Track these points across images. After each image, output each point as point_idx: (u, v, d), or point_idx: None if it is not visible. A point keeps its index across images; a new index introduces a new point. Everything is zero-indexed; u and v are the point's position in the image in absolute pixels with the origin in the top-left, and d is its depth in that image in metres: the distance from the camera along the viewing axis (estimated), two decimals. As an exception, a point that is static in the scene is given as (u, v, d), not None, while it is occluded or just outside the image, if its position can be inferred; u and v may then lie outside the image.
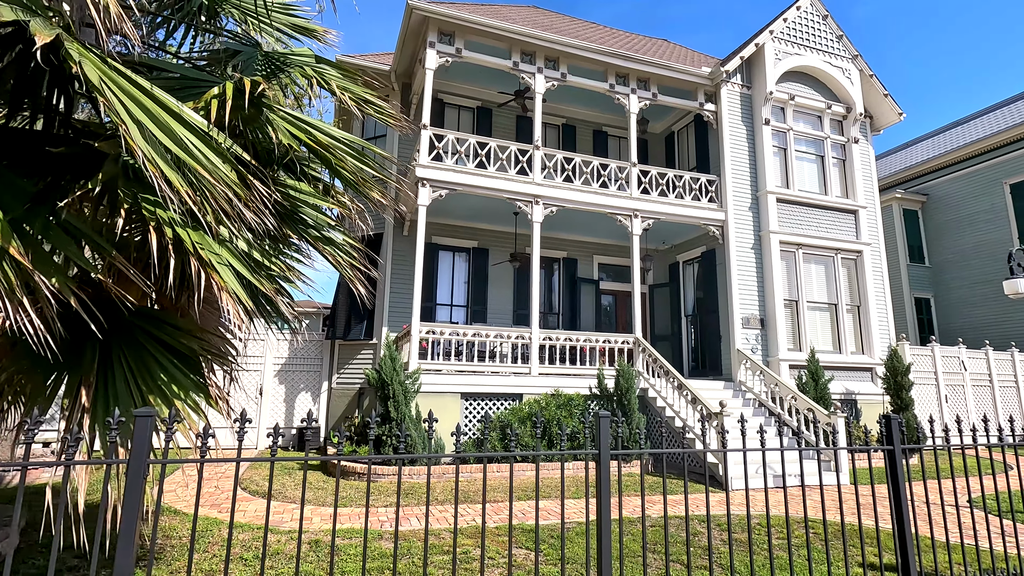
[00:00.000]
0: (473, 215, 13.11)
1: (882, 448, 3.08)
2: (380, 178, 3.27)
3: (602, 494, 2.51)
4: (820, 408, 10.08)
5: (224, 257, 2.44)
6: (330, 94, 3.55)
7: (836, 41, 14.55)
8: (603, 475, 2.52)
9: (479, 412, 10.49)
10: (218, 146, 2.27)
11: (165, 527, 5.60)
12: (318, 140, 2.79)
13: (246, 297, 2.44)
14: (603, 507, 2.49)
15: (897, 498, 2.96)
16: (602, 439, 2.59)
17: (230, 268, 2.45)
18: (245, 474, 8.87)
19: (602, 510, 2.49)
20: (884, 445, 3.12)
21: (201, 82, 2.81)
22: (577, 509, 6.83)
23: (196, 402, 3.29)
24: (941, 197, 20.76)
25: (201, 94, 2.54)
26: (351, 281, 3.46)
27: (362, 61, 13.32)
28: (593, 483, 7.33)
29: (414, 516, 6.52)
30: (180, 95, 2.63)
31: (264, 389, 12.52)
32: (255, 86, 2.46)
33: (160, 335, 3.22)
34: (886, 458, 3.10)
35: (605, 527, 2.55)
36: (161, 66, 2.96)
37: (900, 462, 3.02)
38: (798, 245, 13.26)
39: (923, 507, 7.34)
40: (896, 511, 2.96)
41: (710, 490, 8.52)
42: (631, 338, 11.77)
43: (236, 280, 2.41)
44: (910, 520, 2.84)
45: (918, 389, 13.74)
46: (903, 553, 2.92)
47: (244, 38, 3.95)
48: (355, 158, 3.12)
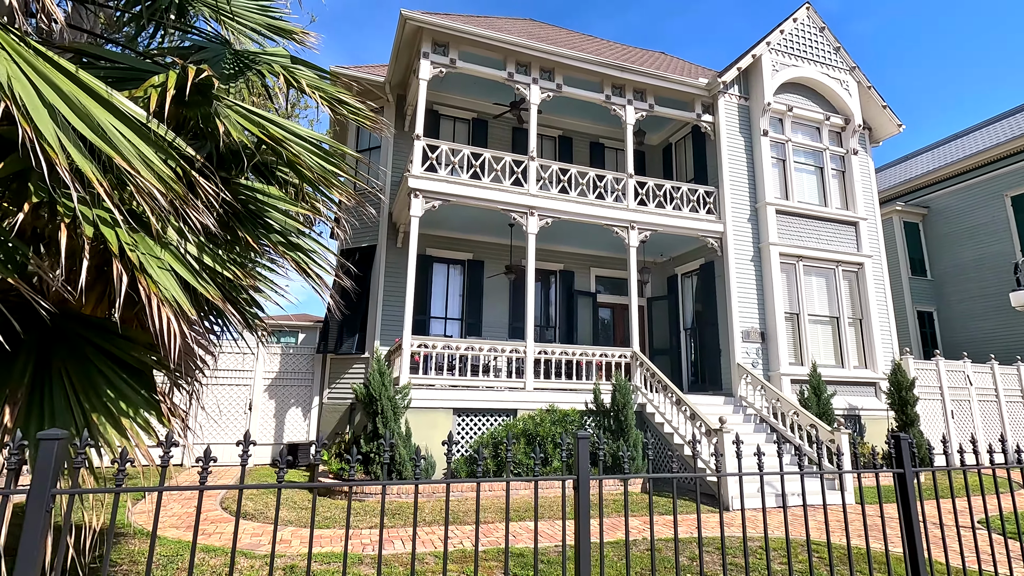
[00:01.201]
0: (468, 227, 12.93)
1: (892, 471, 2.82)
2: (345, 176, 3.06)
3: (581, 518, 2.26)
4: (823, 424, 9.79)
5: (166, 261, 2.22)
6: (299, 92, 3.36)
7: (834, 53, 14.48)
8: (583, 499, 2.28)
9: (472, 428, 10.19)
10: (157, 138, 2.05)
11: (134, 552, 5.31)
12: (270, 133, 2.58)
13: (189, 306, 2.21)
14: (582, 532, 2.25)
15: (909, 525, 2.70)
16: (580, 461, 2.35)
17: (173, 274, 2.22)
18: (228, 493, 8.56)
19: (580, 535, 2.24)
20: (895, 468, 2.86)
21: (150, 73, 2.61)
22: (570, 531, 6.53)
23: (147, 420, 3.04)
24: (942, 210, 20.59)
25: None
26: (317, 290, 3.24)
27: (357, 72, 13.23)
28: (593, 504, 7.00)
29: (399, 539, 6.22)
30: (125, 85, 2.44)
31: (254, 404, 12.23)
32: (199, 74, 2.26)
33: (110, 347, 2.98)
34: (896, 481, 2.84)
35: (584, 553, 2.30)
36: (108, 56, 2.77)
37: (912, 486, 2.77)
38: (798, 257, 13.04)
39: (933, 529, 7.03)
40: (908, 539, 2.69)
41: (710, 510, 8.19)
42: (629, 352, 11.50)
43: (179, 287, 2.18)
44: (923, 548, 2.60)
45: (923, 404, 13.42)
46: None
47: (214, 37, 3.77)
48: (314, 154, 2.91)
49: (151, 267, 2.14)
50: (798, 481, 9.14)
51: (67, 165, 1.64)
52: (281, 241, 3.05)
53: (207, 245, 2.58)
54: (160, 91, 2.20)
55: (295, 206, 3.53)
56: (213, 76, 2.34)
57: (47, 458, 1.74)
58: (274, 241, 2.97)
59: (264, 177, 3.57)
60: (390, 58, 12.33)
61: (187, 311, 2.22)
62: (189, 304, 2.24)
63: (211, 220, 2.24)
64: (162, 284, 2.13)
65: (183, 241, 2.42)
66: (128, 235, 2.07)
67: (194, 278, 2.33)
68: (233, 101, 2.69)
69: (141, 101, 2.19)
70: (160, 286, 2.11)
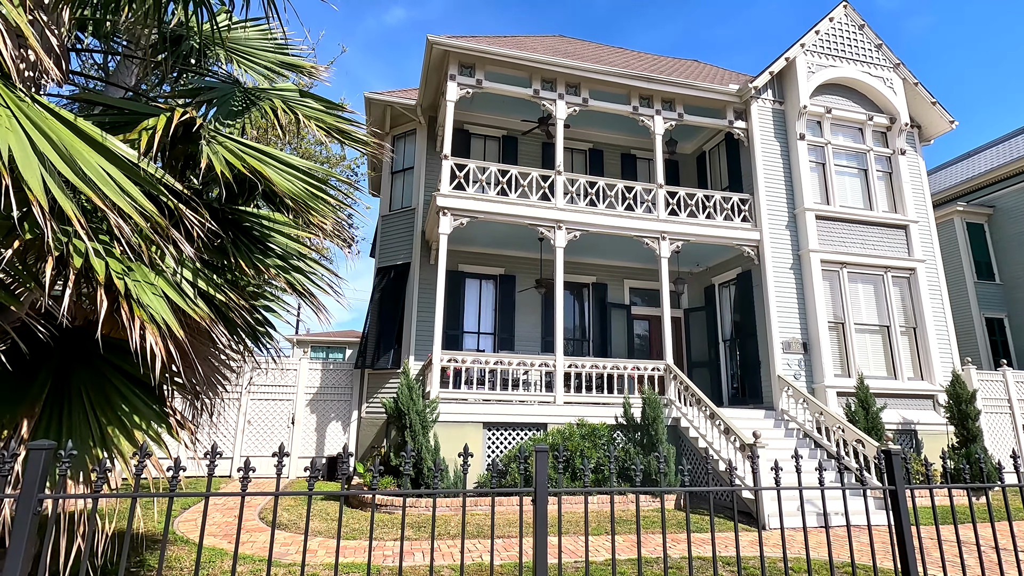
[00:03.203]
0: (499, 242, 13.10)
1: (884, 487, 2.69)
2: (332, 199, 3.25)
3: (537, 535, 2.29)
4: (870, 439, 9.29)
5: (159, 287, 2.45)
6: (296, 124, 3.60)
7: (875, 50, 13.91)
8: (539, 515, 2.30)
9: (502, 442, 10.25)
10: (148, 176, 2.30)
11: (170, 558, 5.65)
12: (248, 163, 2.79)
13: (178, 327, 2.42)
14: (538, 552, 2.27)
15: (902, 544, 2.55)
16: (538, 475, 2.38)
17: (164, 298, 2.45)
18: (268, 503, 8.94)
19: (537, 556, 2.26)
20: (886, 484, 2.73)
21: (149, 116, 2.89)
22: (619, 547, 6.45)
23: (158, 432, 3.28)
24: (1009, 209, 19.21)
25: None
26: (316, 309, 3.43)
27: (390, 97, 13.76)
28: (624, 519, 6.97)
29: (420, 551, 6.33)
30: (123, 129, 2.72)
31: (296, 418, 12.73)
32: (184, 115, 2.50)
33: (124, 365, 3.25)
34: (886, 498, 2.70)
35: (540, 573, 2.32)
36: (112, 103, 3.08)
37: (904, 503, 2.62)
38: (842, 264, 12.49)
39: (991, 553, 6.54)
40: (901, 559, 2.54)
41: (745, 528, 7.90)
42: (662, 365, 11.30)
43: (168, 311, 2.40)
44: (916, 568, 2.45)
45: (989, 418, 12.49)
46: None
47: (226, 77, 4.09)
48: (298, 179, 3.11)
49: (142, 292, 2.36)
50: (841, 500, 8.69)
51: (46, 206, 1.87)
52: (279, 264, 3.26)
53: (202, 271, 2.81)
54: (151, 133, 2.46)
55: (297, 229, 3.75)
56: (196, 116, 2.58)
57: (35, 466, 1.95)
58: (271, 264, 3.18)
59: (274, 205, 3.81)
60: (420, 82, 12.76)
61: (176, 332, 2.43)
62: (178, 325, 2.45)
63: (189, 248, 2.45)
64: (152, 308, 2.35)
65: (180, 268, 2.65)
66: (118, 264, 2.31)
67: (184, 301, 2.56)
68: (228, 136, 2.94)
69: (136, 143, 2.45)
70: (148, 309, 2.33)
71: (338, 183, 4.09)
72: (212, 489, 9.94)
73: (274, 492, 2.74)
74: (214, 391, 4.49)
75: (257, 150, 3.07)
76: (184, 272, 2.71)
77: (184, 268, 2.71)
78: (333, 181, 3.46)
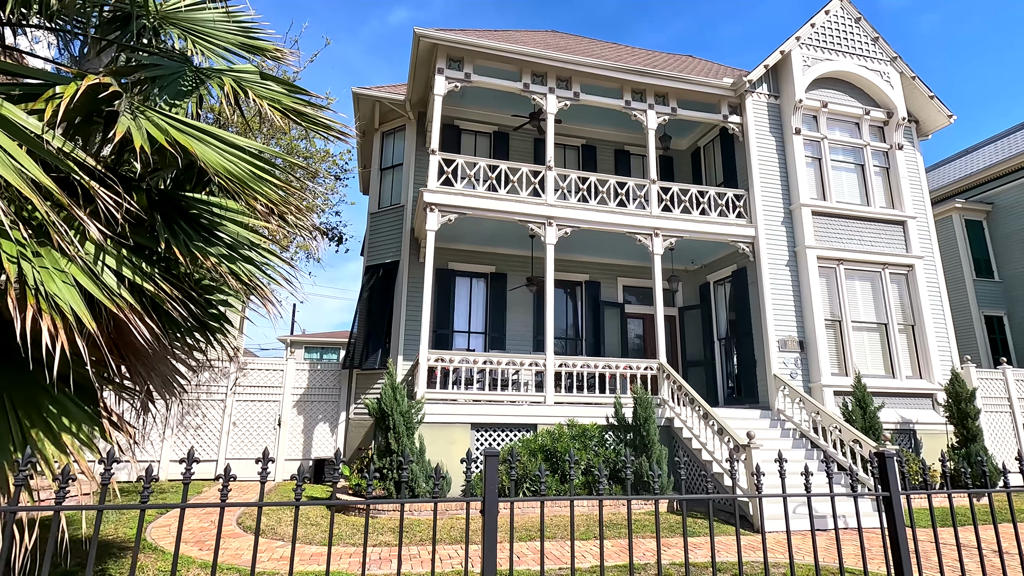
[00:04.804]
0: (489, 240, 12.85)
1: (876, 494, 2.45)
2: (273, 183, 2.99)
3: (486, 546, 2.05)
4: (867, 440, 9.04)
5: (71, 276, 2.20)
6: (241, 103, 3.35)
7: (872, 44, 13.68)
8: (488, 525, 2.06)
9: (491, 443, 9.99)
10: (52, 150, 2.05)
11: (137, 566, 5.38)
12: (174, 138, 2.53)
13: (90, 319, 2.17)
14: (487, 562, 2.03)
15: (896, 552, 2.31)
16: (487, 483, 2.13)
17: (77, 288, 2.20)
18: (246, 508, 8.68)
19: (485, 567, 2.02)
20: (879, 490, 2.49)
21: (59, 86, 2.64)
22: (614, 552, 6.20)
23: (89, 436, 3.02)
24: (1008, 206, 19.00)
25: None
26: (265, 302, 3.17)
27: (378, 92, 13.51)
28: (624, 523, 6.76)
29: (392, 559, 6.07)
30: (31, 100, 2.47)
31: (282, 420, 12.46)
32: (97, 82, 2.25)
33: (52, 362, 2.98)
34: (879, 505, 2.46)
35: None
36: (26, 73, 2.83)
37: (899, 509, 2.38)
38: (839, 260, 12.25)
39: (993, 557, 6.30)
40: (896, 567, 2.31)
41: (740, 531, 7.65)
42: (655, 364, 11.05)
43: (79, 301, 2.14)
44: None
45: (989, 417, 12.26)
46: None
47: (179, 57, 3.84)
48: (240, 159, 2.85)
49: (49, 280, 2.12)
50: (837, 502, 8.44)
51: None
52: (223, 253, 3.01)
53: (128, 258, 2.56)
54: (58, 102, 2.21)
55: (250, 217, 3.49)
56: (113, 84, 2.33)
57: None
58: (213, 253, 2.92)
59: (228, 193, 3.55)
60: (408, 77, 12.51)
61: (87, 324, 2.18)
62: (90, 317, 2.20)
63: (94, 230, 2.19)
64: (59, 297, 2.10)
65: (102, 254, 2.40)
66: (13, 247, 2.06)
67: (100, 290, 2.30)
68: (159, 110, 2.69)
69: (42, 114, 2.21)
70: (53, 299, 2.08)
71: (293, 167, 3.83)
72: (191, 494, 9.68)
73: (257, 503, 2.50)
74: (170, 391, 4.24)
75: (192, 126, 2.82)
76: (107, 259, 2.46)
77: (107, 255, 2.46)
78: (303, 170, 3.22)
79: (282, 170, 3.17)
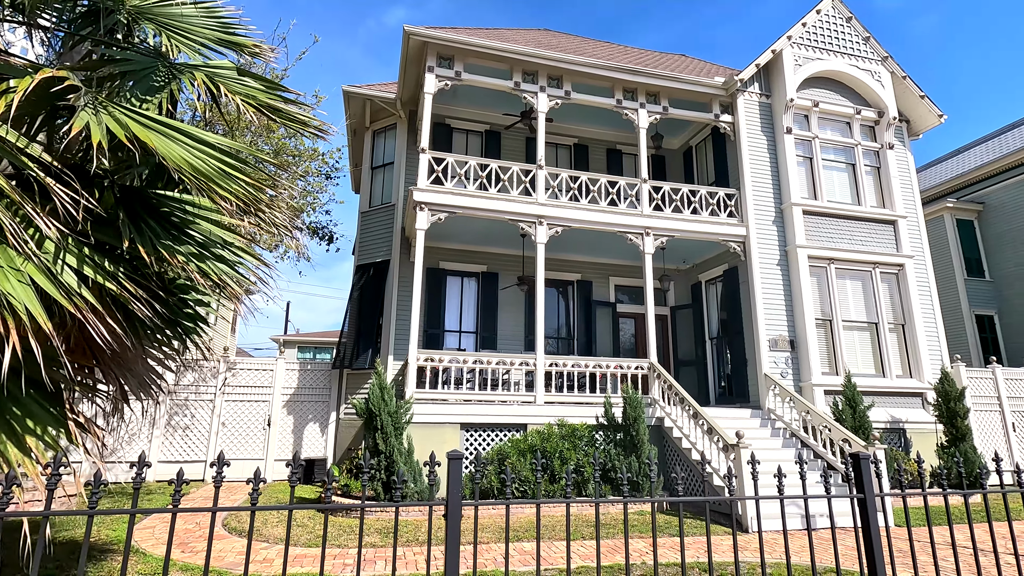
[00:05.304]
0: (480, 239, 12.80)
1: (851, 496, 2.42)
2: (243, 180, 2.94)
3: (449, 548, 2.01)
4: (857, 439, 9.05)
5: (26, 275, 2.14)
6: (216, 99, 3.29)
7: (863, 43, 13.70)
8: (451, 528, 2.02)
9: (480, 443, 9.95)
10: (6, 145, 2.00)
11: (112, 569, 5.32)
12: (133, 132, 2.48)
13: (45, 320, 2.11)
14: (449, 566, 1.99)
15: (871, 554, 2.28)
16: (451, 486, 2.09)
17: (33, 287, 2.14)
18: (234, 509, 8.58)
19: (448, 569, 1.98)
20: (855, 492, 2.46)
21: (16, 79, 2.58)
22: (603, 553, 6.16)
23: (55, 438, 2.96)
24: (999, 205, 19.08)
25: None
26: (236, 301, 3.12)
27: (369, 90, 13.42)
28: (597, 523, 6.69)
29: (383, 559, 6.03)
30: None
31: (272, 420, 12.38)
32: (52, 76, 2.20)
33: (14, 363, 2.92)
34: (853, 507, 2.44)
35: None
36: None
37: (874, 511, 2.36)
38: (830, 260, 12.26)
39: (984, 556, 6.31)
40: (870, 569, 2.28)
41: (725, 531, 7.62)
42: (645, 363, 11.03)
43: (35, 300, 2.09)
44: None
45: (979, 416, 12.30)
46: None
47: (152, 51, 3.78)
48: (209, 156, 2.80)
49: (3, 279, 2.05)
50: (826, 502, 8.44)
51: None
52: (192, 252, 2.95)
53: (90, 257, 2.51)
54: (11, 96, 2.15)
55: (227, 216, 3.44)
56: (70, 78, 2.28)
57: None
58: (183, 251, 2.87)
59: (202, 191, 3.49)
60: (398, 75, 12.44)
61: (43, 324, 2.12)
62: (46, 317, 2.14)
63: (45, 226, 2.14)
64: (13, 296, 2.04)
65: (63, 253, 2.35)
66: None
67: (57, 289, 2.25)
68: (121, 105, 2.63)
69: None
70: (5, 297, 2.02)
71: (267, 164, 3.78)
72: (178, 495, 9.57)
73: (250, 507, 2.49)
74: (147, 392, 4.18)
75: (159, 122, 2.76)
76: (67, 258, 2.40)
77: (67, 253, 2.40)
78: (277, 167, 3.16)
79: (254, 167, 3.11)
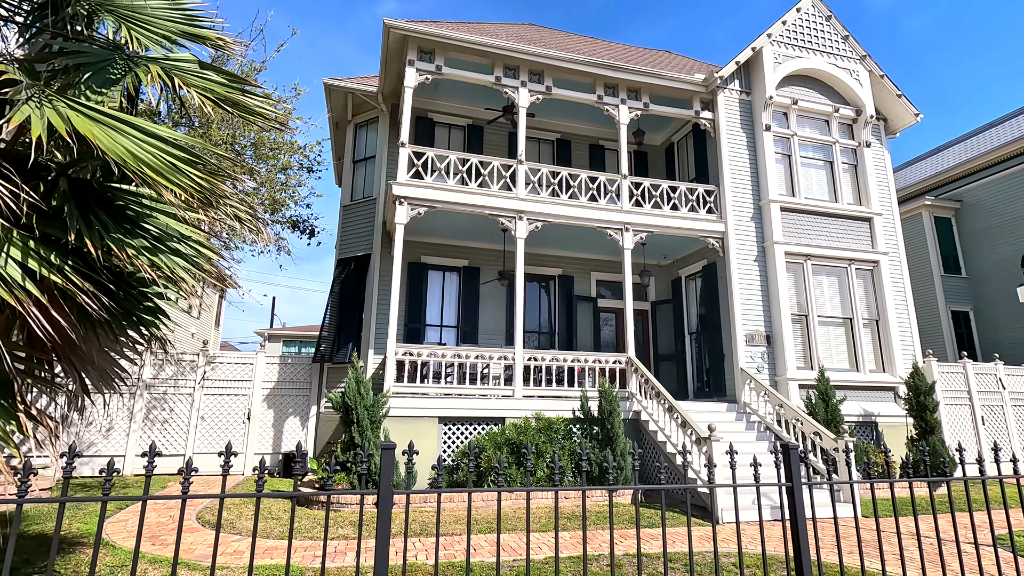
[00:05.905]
0: (462, 233, 12.82)
1: (779, 484, 2.51)
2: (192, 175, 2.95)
3: (379, 538, 2.06)
4: (827, 432, 9.22)
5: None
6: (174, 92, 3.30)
7: (841, 42, 13.84)
8: (382, 516, 2.07)
9: (458, 437, 10.01)
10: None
11: (79, 562, 5.32)
12: (76, 126, 2.49)
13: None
14: (379, 554, 2.04)
15: (796, 542, 2.37)
16: (383, 475, 2.14)
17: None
18: (209, 503, 8.59)
19: (378, 558, 2.04)
20: (783, 481, 2.54)
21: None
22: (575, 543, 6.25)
23: (5, 430, 2.97)
24: (976, 203, 19.41)
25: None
26: (186, 296, 3.15)
27: (350, 84, 13.36)
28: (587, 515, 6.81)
29: (351, 551, 6.07)
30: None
31: (252, 414, 12.35)
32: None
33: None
34: (781, 496, 2.52)
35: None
36: None
37: (801, 501, 2.44)
38: (806, 256, 12.43)
39: (946, 546, 6.48)
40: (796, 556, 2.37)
41: (699, 523, 7.76)
42: (623, 358, 11.14)
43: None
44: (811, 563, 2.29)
45: (950, 410, 12.57)
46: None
47: (108, 43, 3.76)
48: (158, 149, 2.81)
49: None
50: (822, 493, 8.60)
51: None
52: (145, 245, 2.97)
53: (35, 251, 2.52)
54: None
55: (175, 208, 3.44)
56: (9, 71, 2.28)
57: None
58: (135, 245, 2.88)
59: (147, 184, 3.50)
60: (379, 69, 12.39)
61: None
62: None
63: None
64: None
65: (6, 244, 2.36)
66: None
67: None
68: (69, 98, 2.64)
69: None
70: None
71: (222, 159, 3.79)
72: (154, 488, 9.57)
73: (219, 494, 2.53)
74: (109, 384, 4.18)
75: (108, 115, 2.77)
76: (11, 251, 2.42)
77: (11, 246, 2.42)
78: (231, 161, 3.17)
79: (215, 161, 3.12)
